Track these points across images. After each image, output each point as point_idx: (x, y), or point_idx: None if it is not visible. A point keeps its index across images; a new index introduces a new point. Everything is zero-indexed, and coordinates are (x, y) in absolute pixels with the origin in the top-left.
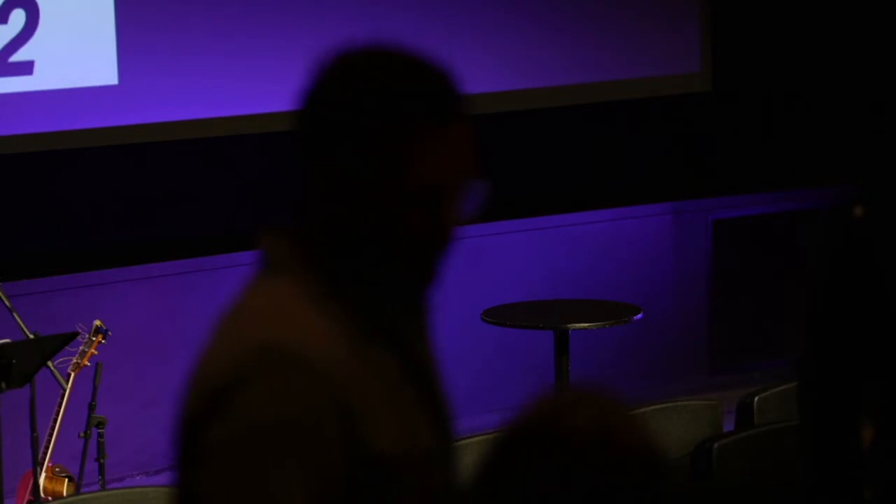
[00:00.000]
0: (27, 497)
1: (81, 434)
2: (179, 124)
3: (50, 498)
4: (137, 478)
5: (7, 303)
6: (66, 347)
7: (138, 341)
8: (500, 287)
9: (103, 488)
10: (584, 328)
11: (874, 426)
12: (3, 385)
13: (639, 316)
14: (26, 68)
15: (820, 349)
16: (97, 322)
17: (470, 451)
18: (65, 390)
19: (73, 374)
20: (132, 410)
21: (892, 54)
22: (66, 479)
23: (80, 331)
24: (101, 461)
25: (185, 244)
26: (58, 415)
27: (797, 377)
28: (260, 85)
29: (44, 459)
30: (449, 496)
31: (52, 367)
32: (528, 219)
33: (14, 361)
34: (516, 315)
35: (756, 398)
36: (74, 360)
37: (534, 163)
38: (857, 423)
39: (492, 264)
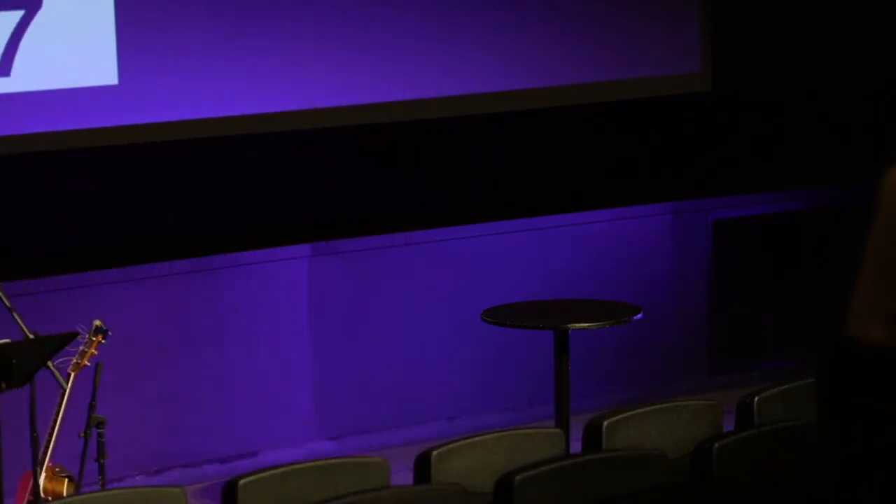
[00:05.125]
0: (27, 497)
1: (81, 434)
2: (179, 124)
3: (50, 498)
4: (137, 478)
5: (7, 303)
6: (66, 347)
7: (138, 341)
8: (500, 287)
9: (103, 488)
10: (584, 328)
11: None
12: (3, 385)
13: (639, 316)
14: (26, 68)
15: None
16: (97, 322)
17: (470, 450)
18: (65, 390)
19: (73, 374)
20: (132, 410)
21: (893, 54)
22: (66, 479)
23: (80, 331)
24: (101, 461)
25: (185, 244)
26: (58, 415)
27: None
28: (260, 85)
29: (44, 459)
30: None
31: (52, 367)
32: (528, 219)
33: (14, 361)
34: (516, 315)
35: (756, 398)
36: (74, 360)
37: (534, 163)
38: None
39: (492, 264)
